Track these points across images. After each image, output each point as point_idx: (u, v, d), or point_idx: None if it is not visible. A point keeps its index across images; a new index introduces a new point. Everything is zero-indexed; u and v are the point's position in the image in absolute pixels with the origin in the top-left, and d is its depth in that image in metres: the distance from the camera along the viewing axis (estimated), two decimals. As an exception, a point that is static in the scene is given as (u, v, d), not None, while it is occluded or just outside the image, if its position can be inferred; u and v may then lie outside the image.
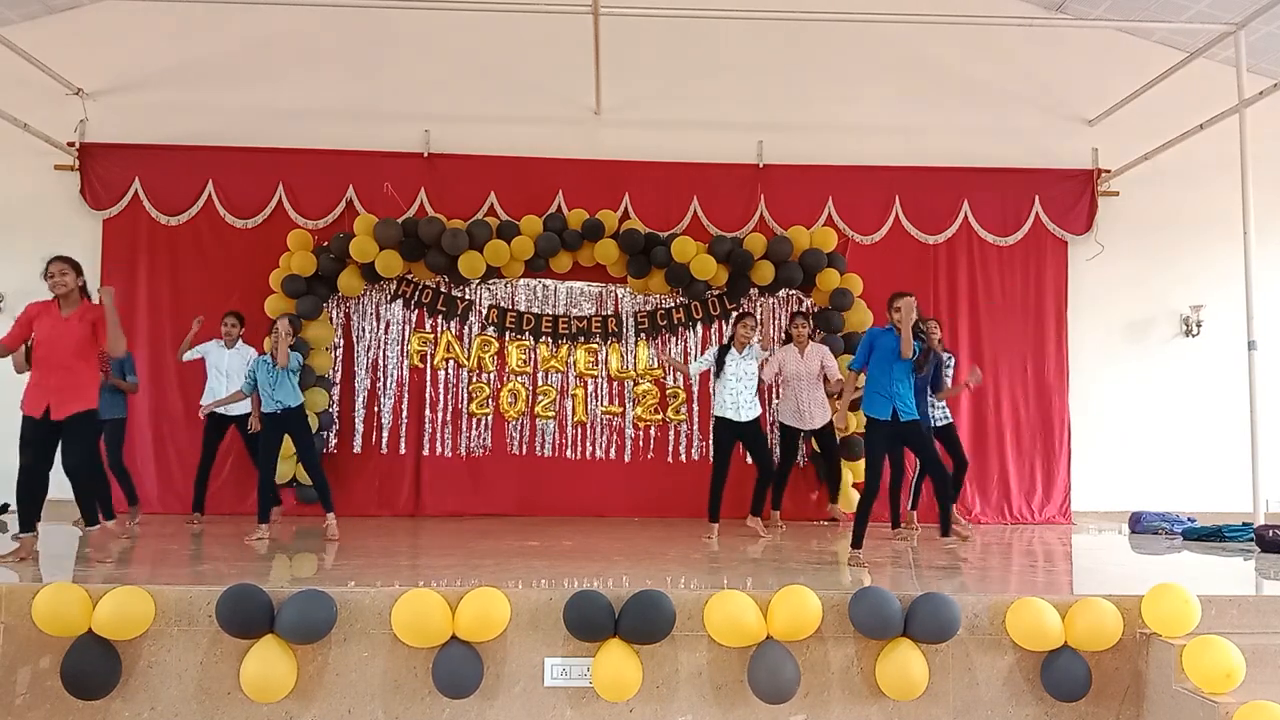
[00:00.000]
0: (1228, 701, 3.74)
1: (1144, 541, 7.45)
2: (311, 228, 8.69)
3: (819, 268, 8.63)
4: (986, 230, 9.09)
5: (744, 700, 4.17)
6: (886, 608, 4.14)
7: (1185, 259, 9.22)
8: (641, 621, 4.10)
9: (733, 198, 8.95)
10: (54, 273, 5.29)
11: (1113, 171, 9.09)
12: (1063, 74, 9.26)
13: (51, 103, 8.57)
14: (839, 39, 8.97)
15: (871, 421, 5.86)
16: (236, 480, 8.25)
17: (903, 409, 5.81)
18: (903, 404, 5.81)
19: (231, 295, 8.51)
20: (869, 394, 5.87)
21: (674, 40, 8.91)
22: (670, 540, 6.77)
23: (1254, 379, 7.31)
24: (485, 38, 8.90)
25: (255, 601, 4.04)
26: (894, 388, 5.79)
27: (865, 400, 5.91)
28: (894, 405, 5.78)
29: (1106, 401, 9.13)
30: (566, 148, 8.94)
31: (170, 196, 8.67)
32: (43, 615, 4.00)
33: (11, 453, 5.32)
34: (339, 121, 8.86)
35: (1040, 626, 4.16)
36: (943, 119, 9.15)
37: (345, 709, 4.13)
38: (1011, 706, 4.25)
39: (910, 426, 5.87)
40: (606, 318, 8.96)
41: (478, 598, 4.10)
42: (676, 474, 8.80)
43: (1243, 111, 7.33)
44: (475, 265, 8.42)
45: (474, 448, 8.79)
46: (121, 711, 4.10)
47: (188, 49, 8.88)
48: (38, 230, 8.68)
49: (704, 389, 8.93)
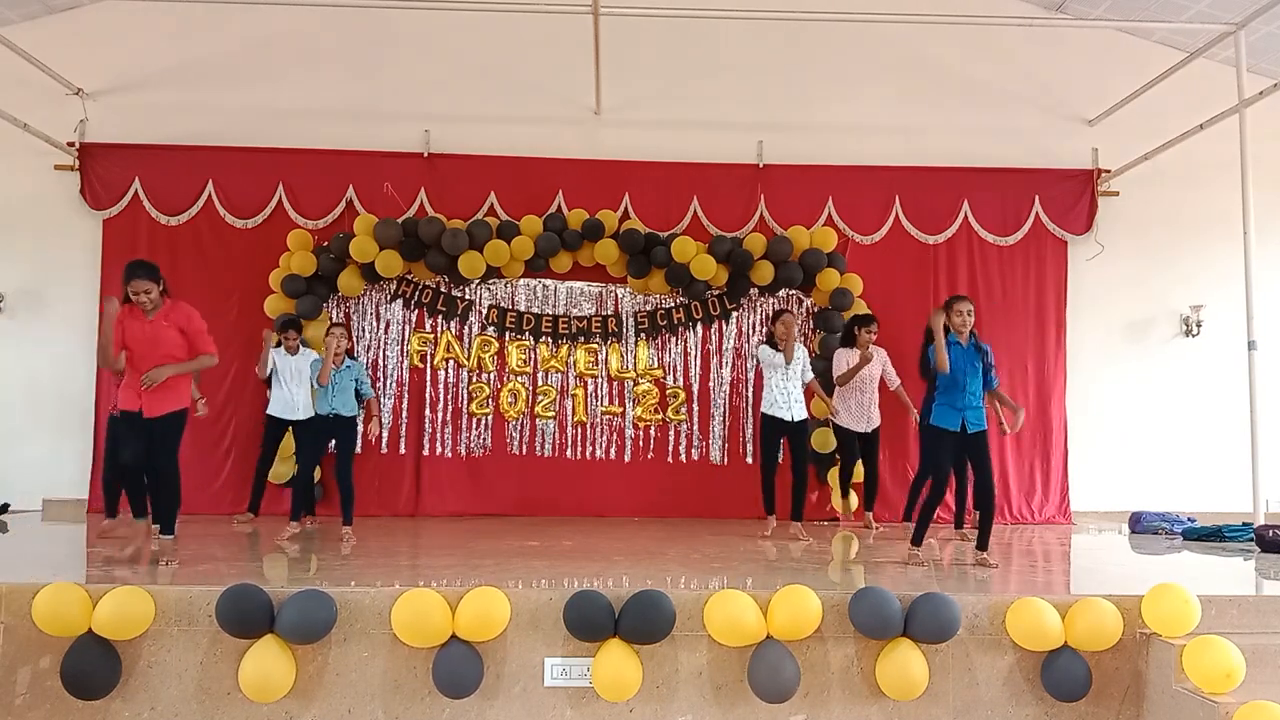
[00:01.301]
0: (1228, 701, 3.74)
1: (1144, 541, 7.45)
2: (311, 228, 8.69)
3: (819, 268, 8.63)
4: (986, 230, 9.09)
5: (744, 700, 4.17)
6: (886, 608, 4.14)
7: (1185, 259, 9.22)
8: (641, 621, 4.10)
9: (733, 198, 8.94)
10: (138, 291, 5.13)
11: (1113, 171, 9.08)
12: (1063, 74, 9.26)
13: (51, 103, 8.56)
14: (839, 39, 8.97)
15: (938, 432, 5.69)
16: (237, 480, 8.24)
17: (972, 420, 5.65)
18: (973, 416, 5.65)
19: (232, 295, 8.53)
20: (937, 404, 5.71)
21: (674, 40, 8.90)
22: (670, 540, 6.77)
23: (1254, 379, 7.30)
24: (485, 38, 8.89)
25: (255, 601, 4.04)
26: (965, 399, 5.62)
27: (934, 410, 5.74)
28: (964, 417, 5.63)
29: (1106, 401, 9.13)
30: (566, 148, 8.93)
31: (170, 196, 8.67)
32: (43, 615, 4.00)
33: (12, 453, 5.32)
34: (339, 121, 8.85)
35: (1040, 626, 4.16)
36: (943, 119, 9.15)
37: (345, 709, 4.13)
38: (1011, 706, 4.25)
39: (977, 439, 5.69)
40: (606, 318, 8.96)
41: (478, 598, 4.10)
42: (676, 474, 8.80)
43: (1243, 111, 7.32)
44: (475, 265, 8.42)
45: (474, 448, 8.79)
46: (121, 711, 4.10)
47: (188, 49, 8.88)
48: (38, 230, 8.71)
49: (704, 389, 8.94)
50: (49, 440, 8.49)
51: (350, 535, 6.48)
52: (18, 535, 6.91)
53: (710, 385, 8.93)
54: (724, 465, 8.82)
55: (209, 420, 7.95)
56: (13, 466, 8.41)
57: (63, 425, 8.47)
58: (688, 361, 8.94)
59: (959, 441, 5.69)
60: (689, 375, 8.93)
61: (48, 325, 8.65)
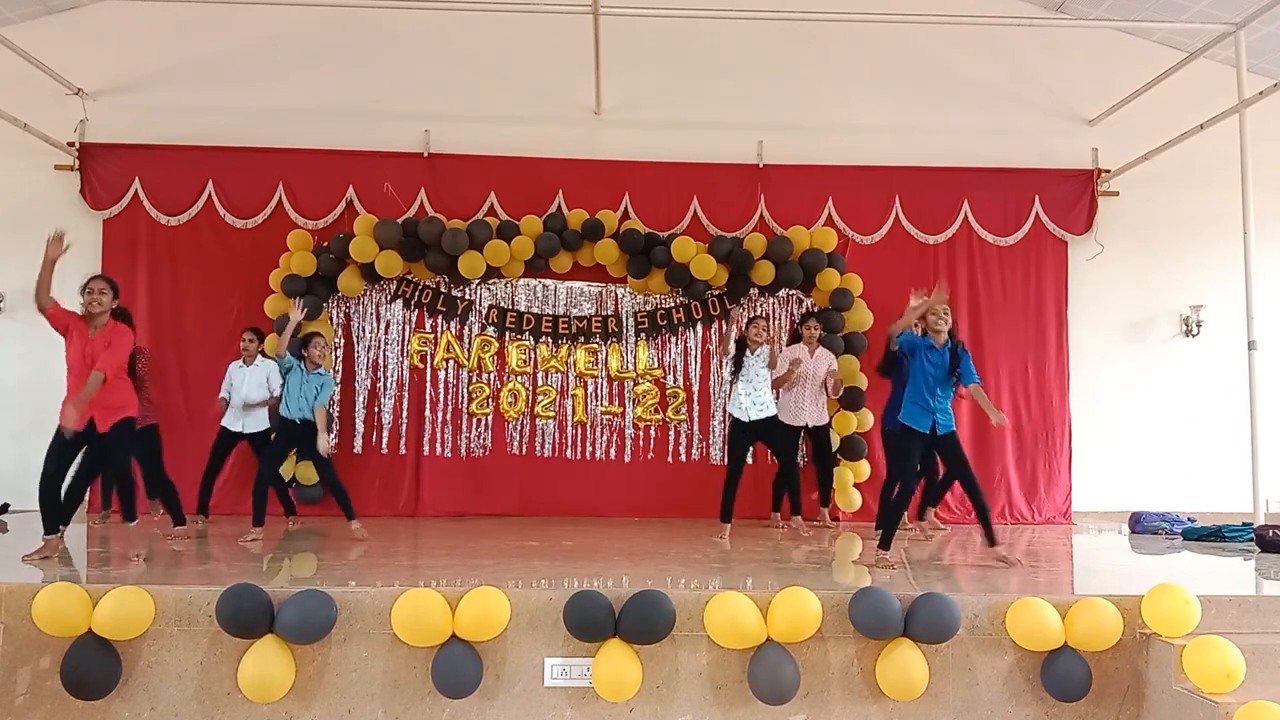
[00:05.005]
0: (1228, 701, 3.74)
1: (1144, 541, 7.44)
2: (311, 228, 8.69)
3: (819, 268, 8.64)
4: (986, 230, 9.09)
5: (744, 700, 4.17)
6: (886, 608, 4.14)
7: (1185, 259, 9.22)
8: (641, 621, 4.10)
9: (733, 198, 8.95)
10: (94, 289, 5.23)
11: (1113, 171, 9.09)
12: (1063, 74, 9.26)
13: (51, 103, 8.56)
14: (839, 39, 8.97)
15: (908, 431, 5.66)
16: (239, 480, 8.23)
17: (943, 421, 5.62)
18: (943, 416, 5.63)
19: (231, 295, 8.54)
20: (907, 405, 5.68)
21: (674, 40, 8.90)
22: (670, 540, 6.77)
23: (1254, 379, 7.31)
24: (485, 38, 8.90)
25: (255, 601, 4.04)
26: (934, 401, 5.59)
27: (903, 410, 5.71)
28: (934, 419, 5.59)
29: (1107, 402, 9.13)
30: (566, 148, 8.93)
31: (170, 196, 8.67)
32: (43, 615, 3.99)
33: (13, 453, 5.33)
34: (339, 121, 8.86)
35: (1040, 626, 4.15)
36: (943, 119, 9.15)
37: (345, 709, 4.13)
38: (1011, 706, 4.24)
39: (948, 439, 5.67)
40: (606, 318, 8.96)
41: (478, 597, 4.10)
42: (676, 474, 8.80)
43: (1243, 111, 7.33)
44: (475, 265, 8.42)
45: (474, 448, 8.79)
46: (121, 711, 4.09)
47: (188, 49, 8.88)
48: (38, 230, 8.63)
49: (704, 389, 8.94)
50: (49, 440, 8.44)
51: (360, 528, 6.49)
52: (18, 535, 6.93)
53: (710, 385, 8.94)
54: (724, 465, 8.78)
55: (210, 421, 7.92)
56: (13, 466, 8.40)
57: (63, 425, 8.46)
58: (688, 361, 8.94)
59: (927, 443, 5.65)
60: (689, 375, 8.93)
61: (47, 325, 8.57)
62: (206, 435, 8.04)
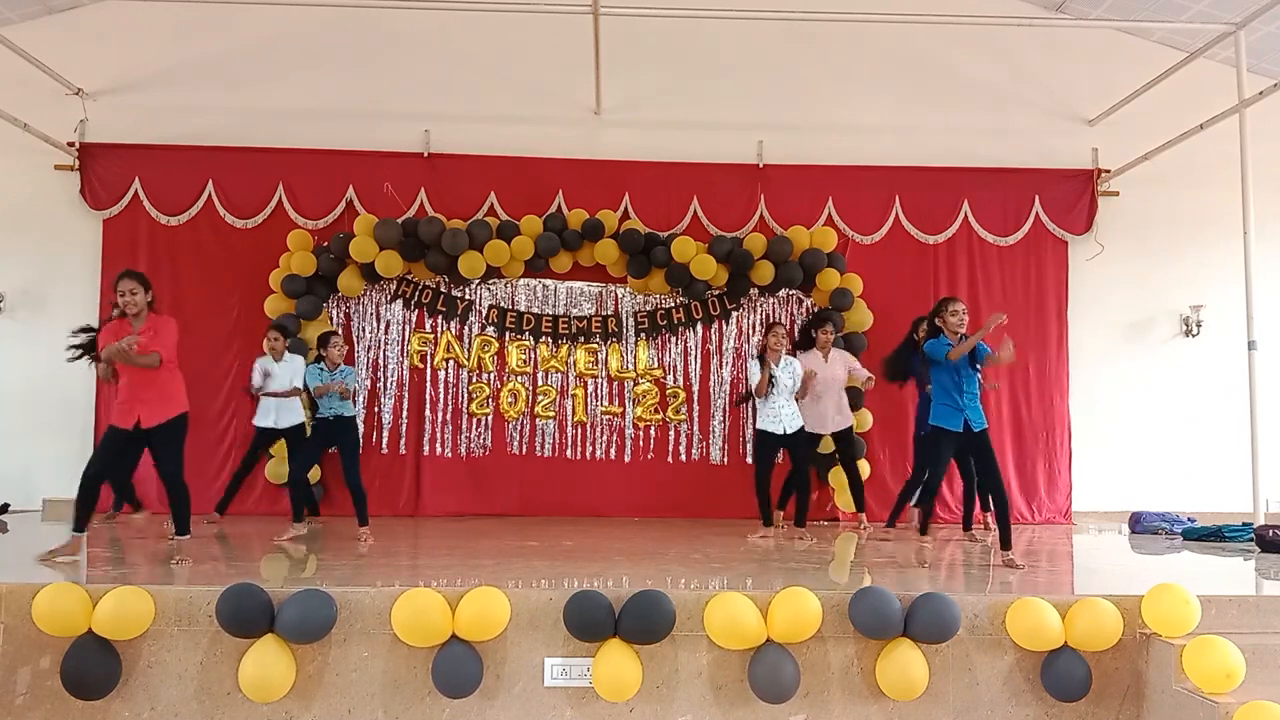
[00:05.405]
0: (1228, 701, 3.74)
1: (1144, 541, 7.44)
2: (311, 228, 8.69)
3: (819, 268, 8.64)
4: (986, 230, 9.09)
5: (744, 700, 4.17)
6: (886, 608, 4.14)
7: (1185, 259, 9.22)
8: (641, 621, 4.10)
9: (733, 198, 8.95)
10: (124, 291, 5.18)
11: (1113, 171, 9.09)
12: (1063, 74, 9.26)
13: (51, 103, 8.57)
14: (839, 39, 8.97)
15: (939, 431, 5.72)
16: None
17: (974, 419, 5.68)
18: (974, 414, 5.68)
19: (231, 295, 8.54)
20: (936, 406, 5.73)
21: (674, 40, 8.90)
22: (670, 540, 6.77)
23: (1254, 379, 7.31)
24: (485, 38, 8.90)
25: (255, 601, 4.04)
26: (962, 399, 5.66)
27: (934, 413, 5.76)
28: (965, 416, 5.65)
29: (1107, 402, 9.13)
30: (566, 148, 8.94)
31: (170, 196, 8.67)
32: (43, 615, 3.99)
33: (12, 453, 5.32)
34: (339, 121, 8.86)
35: (1040, 626, 4.15)
36: (943, 119, 9.15)
37: (345, 709, 4.13)
38: (1011, 706, 4.24)
39: (980, 437, 5.72)
40: (606, 318, 8.96)
41: (478, 597, 4.10)
42: (676, 474, 8.80)
43: (1243, 111, 7.33)
44: (475, 265, 8.42)
45: (474, 448, 8.79)
46: (121, 711, 4.09)
47: (188, 49, 8.88)
48: (38, 230, 8.71)
49: (704, 389, 8.93)
50: (49, 440, 8.48)
51: (368, 535, 6.47)
52: (18, 535, 6.92)
53: (710, 385, 8.94)
54: (724, 465, 8.82)
55: (209, 421, 7.96)
56: (13, 466, 8.42)
57: (63, 425, 8.46)
58: (688, 361, 8.94)
59: (962, 442, 5.71)
60: (689, 375, 8.93)
61: (48, 325, 8.61)
62: (206, 434, 8.08)
